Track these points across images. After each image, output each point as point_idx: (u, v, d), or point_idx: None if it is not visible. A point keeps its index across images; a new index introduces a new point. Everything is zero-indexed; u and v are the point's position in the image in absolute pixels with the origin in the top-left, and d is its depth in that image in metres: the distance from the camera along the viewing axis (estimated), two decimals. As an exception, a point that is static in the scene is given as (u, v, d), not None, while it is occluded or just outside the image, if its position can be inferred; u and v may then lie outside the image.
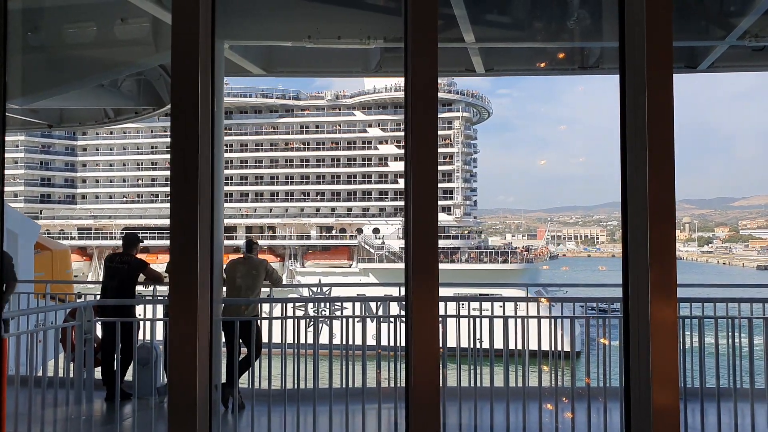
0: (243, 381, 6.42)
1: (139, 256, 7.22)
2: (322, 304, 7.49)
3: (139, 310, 6.84)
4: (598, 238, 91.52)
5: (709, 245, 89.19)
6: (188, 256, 2.34)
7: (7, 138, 2.99)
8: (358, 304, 6.45)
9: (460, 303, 6.12)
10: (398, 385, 5.86)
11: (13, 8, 2.76)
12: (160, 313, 6.08)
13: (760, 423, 5.55)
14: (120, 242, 7.25)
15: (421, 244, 2.33)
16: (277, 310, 6.93)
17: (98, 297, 7.11)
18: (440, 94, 55.38)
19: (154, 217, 55.92)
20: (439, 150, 55.91)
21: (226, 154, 57.89)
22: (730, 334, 5.76)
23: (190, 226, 2.35)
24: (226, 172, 57.49)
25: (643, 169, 2.36)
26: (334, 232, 54.26)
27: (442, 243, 49.84)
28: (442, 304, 6.02)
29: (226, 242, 6.72)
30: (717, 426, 5.51)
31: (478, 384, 5.97)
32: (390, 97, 56.47)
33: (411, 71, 2.35)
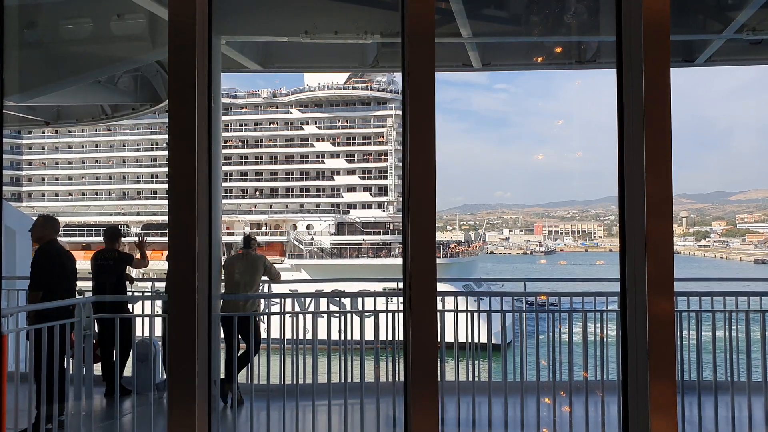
0: (242, 376, 6.44)
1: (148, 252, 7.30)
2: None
3: (138, 306, 6.85)
4: (595, 233, 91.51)
5: (707, 239, 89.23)
6: (187, 252, 2.35)
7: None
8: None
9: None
10: (397, 379, 5.88)
11: (10, 4, 2.75)
12: (159, 309, 6.09)
13: (757, 416, 5.58)
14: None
15: (419, 239, 2.33)
16: (275, 306, 6.94)
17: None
18: (375, 93, 56.86)
19: (97, 215, 57.09)
20: (374, 148, 56.39)
21: (166, 153, 58.61)
22: (727, 327, 5.79)
23: (189, 223, 2.36)
24: (167, 170, 58.22)
25: (640, 163, 2.37)
26: (264, 228, 54.52)
27: (370, 239, 50.91)
28: (439, 299, 6.03)
29: (160, 239, 6.89)
30: (714, 419, 5.53)
31: (476, 378, 5.99)
32: (325, 95, 57.29)
33: (408, 66, 2.35)
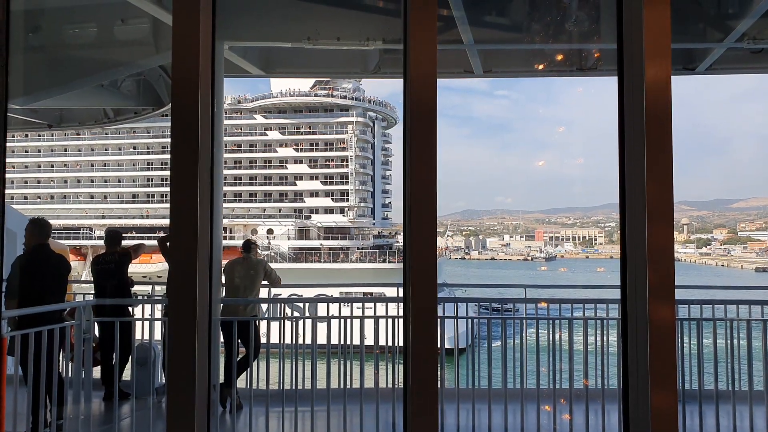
0: (241, 381, 6.42)
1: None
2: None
3: (138, 309, 6.84)
4: (596, 240, 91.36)
5: (708, 247, 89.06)
6: (188, 256, 2.35)
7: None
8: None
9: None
10: (396, 385, 5.86)
11: (15, 9, 2.76)
12: (158, 313, 6.09)
13: (759, 425, 5.56)
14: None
15: (420, 245, 2.33)
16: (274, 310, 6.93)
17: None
18: (337, 100, 57.55)
19: (64, 218, 57.71)
20: (336, 153, 56.74)
21: (134, 156, 59.77)
22: (728, 336, 5.77)
23: (190, 227, 2.36)
24: (134, 174, 59.29)
25: (641, 170, 2.37)
26: (225, 232, 55.00)
27: (328, 243, 50.88)
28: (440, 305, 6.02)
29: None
30: (716, 428, 5.51)
31: (476, 385, 5.97)
32: (287, 101, 58.26)
33: (410, 73, 2.36)
